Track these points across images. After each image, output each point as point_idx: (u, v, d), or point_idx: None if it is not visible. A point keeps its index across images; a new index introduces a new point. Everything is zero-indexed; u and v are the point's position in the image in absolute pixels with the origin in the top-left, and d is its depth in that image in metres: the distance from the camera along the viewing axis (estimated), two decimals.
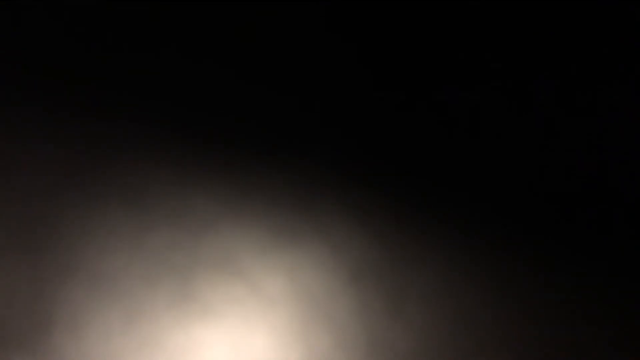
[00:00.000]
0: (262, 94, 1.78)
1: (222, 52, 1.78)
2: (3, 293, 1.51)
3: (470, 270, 1.76)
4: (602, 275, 1.79)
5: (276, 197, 1.71)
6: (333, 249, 1.71)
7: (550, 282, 1.77)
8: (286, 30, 1.83)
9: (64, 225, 1.58)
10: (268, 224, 1.69)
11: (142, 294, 1.58)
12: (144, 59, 1.73)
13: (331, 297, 1.68)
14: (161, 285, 1.60)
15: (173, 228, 1.64)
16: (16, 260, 1.53)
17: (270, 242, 1.68)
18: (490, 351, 1.70)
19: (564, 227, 1.82)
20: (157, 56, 1.74)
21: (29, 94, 1.64)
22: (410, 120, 1.85)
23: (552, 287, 1.77)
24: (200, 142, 1.71)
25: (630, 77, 1.88)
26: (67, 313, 1.53)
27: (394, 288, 1.71)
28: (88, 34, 1.71)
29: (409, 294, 1.71)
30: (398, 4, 1.90)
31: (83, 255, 1.57)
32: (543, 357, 1.72)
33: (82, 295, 1.55)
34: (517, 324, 1.73)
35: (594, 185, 1.85)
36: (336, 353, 1.64)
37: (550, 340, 1.73)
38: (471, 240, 1.78)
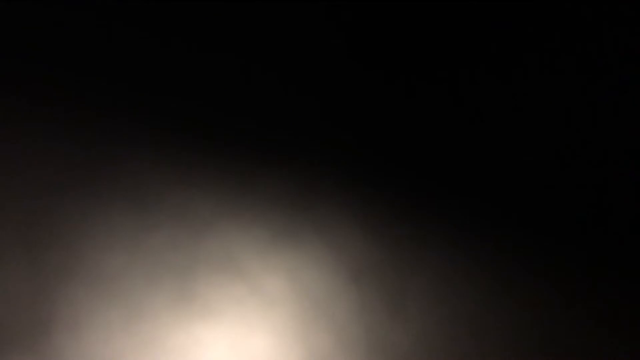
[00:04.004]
0: (263, 94, 1.78)
1: (222, 51, 1.78)
2: (3, 293, 1.51)
3: (471, 270, 1.76)
4: (603, 275, 1.79)
5: (276, 197, 1.71)
6: (333, 249, 1.71)
7: (551, 282, 1.77)
8: (287, 30, 1.83)
9: (64, 225, 1.58)
10: (268, 223, 1.69)
11: (142, 293, 1.58)
12: (144, 58, 1.73)
13: (331, 297, 1.68)
14: (161, 284, 1.60)
15: (173, 228, 1.64)
16: (16, 260, 1.53)
17: (270, 242, 1.68)
18: (491, 351, 1.70)
19: (566, 227, 1.82)
20: (157, 56, 1.74)
21: (28, 94, 1.64)
22: (411, 120, 1.85)
23: (553, 287, 1.77)
24: (201, 142, 1.71)
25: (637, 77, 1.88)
26: (67, 313, 1.53)
27: (394, 288, 1.71)
28: (89, 33, 1.71)
29: (409, 294, 1.71)
30: (397, 3, 1.90)
31: (83, 255, 1.57)
32: (544, 357, 1.71)
33: (82, 295, 1.55)
34: (518, 324, 1.73)
35: (595, 185, 1.85)
36: (336, 353, 1.64)
37: (551, 340, 1.73)
38: (472, 240, 1.78)
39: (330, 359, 1.63)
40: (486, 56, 1.90)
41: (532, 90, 1.89)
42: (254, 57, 1.80)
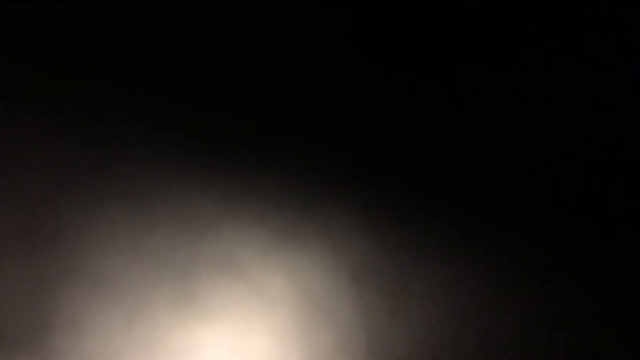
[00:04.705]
0: (263, 94, 1.78)
1: (222, 52, 1.78)
2: (4, 293, 1.51)
3: (471, 270, 1.76)
4: (602, 275, 1.79)
5: (276, 197, 1.71)
6: (333, 249, 1.71)
7: (551, 282, 1.77)
8: (287, 30, 1.83)
9: (65, 225, 1.58)
10: (268, 224, 1.69)
11: (143, 294, 1.58)
12: (144, 58, 1.73)
13: (332, 297, 1.68)
14: (162, 285, 1.60)
15: (173, 228, 1.64)
16: (17, 260, 1.53)
17: (271, 242, 1.68)
18: (491, 351, 1.70)
19: (565, 227, 1.82)
20: (157, 56, 1.74)
21: (28, 94, 1.64)
22: (412, 120, 1.84)
23: (552, 287, 1.77)
24: (201, 142, 1.71)
25: None
26: (68, 313, 1.53)
27: (394, 288, 1.71)
28: (89, 33, 1.71)
29: (410, 294, 1.71)
30: (397, 2, 1.90)
31: (83, 256, 1.57)
32: (543, 357, 1.71)
33: (82, 296, 1.55)
34: (518, 324, 1.73)
35: (596, 185, 1.85)
36: (336, 353, 1.64)
37: (550, 340, 1.73)
38: (472, 240, 1.78)
39: (330, 359, 1.63)
40: (486, 56, 1.90)
41: (532, 90, 1.89)
42: (254, 57, 1.80)
